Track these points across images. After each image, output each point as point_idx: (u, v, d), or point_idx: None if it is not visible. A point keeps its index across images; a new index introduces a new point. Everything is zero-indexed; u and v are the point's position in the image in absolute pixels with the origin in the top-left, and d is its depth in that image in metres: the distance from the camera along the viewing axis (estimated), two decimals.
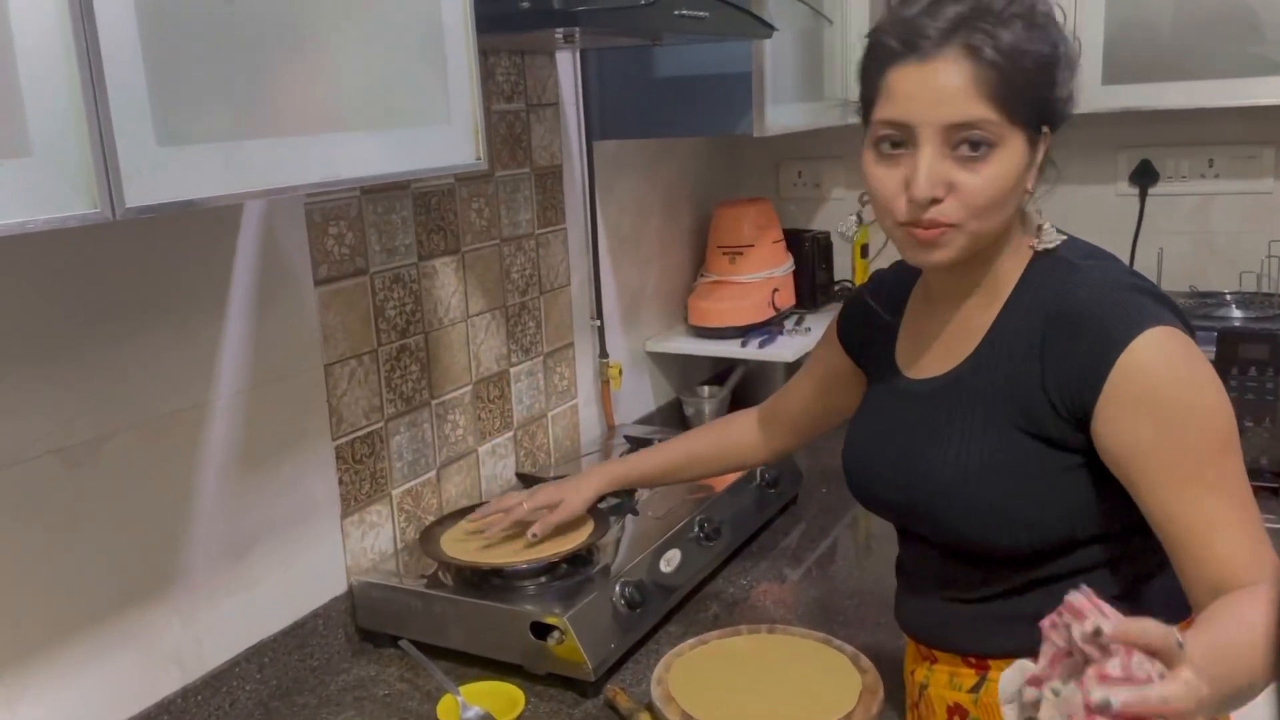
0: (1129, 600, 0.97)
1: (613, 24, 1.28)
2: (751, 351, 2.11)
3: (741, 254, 2.20)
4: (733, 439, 1.39)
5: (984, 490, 0.95)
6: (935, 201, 0.91)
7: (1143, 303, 0.90)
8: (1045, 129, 0.94)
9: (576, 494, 1.38)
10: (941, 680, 1.07)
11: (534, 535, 1.35)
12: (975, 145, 0.90)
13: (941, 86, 0.89)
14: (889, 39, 0.91)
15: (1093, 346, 0.89)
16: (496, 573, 1.37)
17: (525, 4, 1.22)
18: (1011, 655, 0.92)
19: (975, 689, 1.04)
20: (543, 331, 1.82)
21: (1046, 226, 0.99)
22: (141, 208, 0.75)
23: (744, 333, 2.15)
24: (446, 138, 1.06)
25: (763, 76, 1.76)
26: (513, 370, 1.75)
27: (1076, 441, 0.92)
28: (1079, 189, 2.18)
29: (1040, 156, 0.95)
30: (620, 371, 2.00)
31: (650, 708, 1.19)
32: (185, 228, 1.20)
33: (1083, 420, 0.90)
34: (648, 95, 1.89)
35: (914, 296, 1.11)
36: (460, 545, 1.42)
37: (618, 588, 1.37)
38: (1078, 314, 0.91)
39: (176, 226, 1.19)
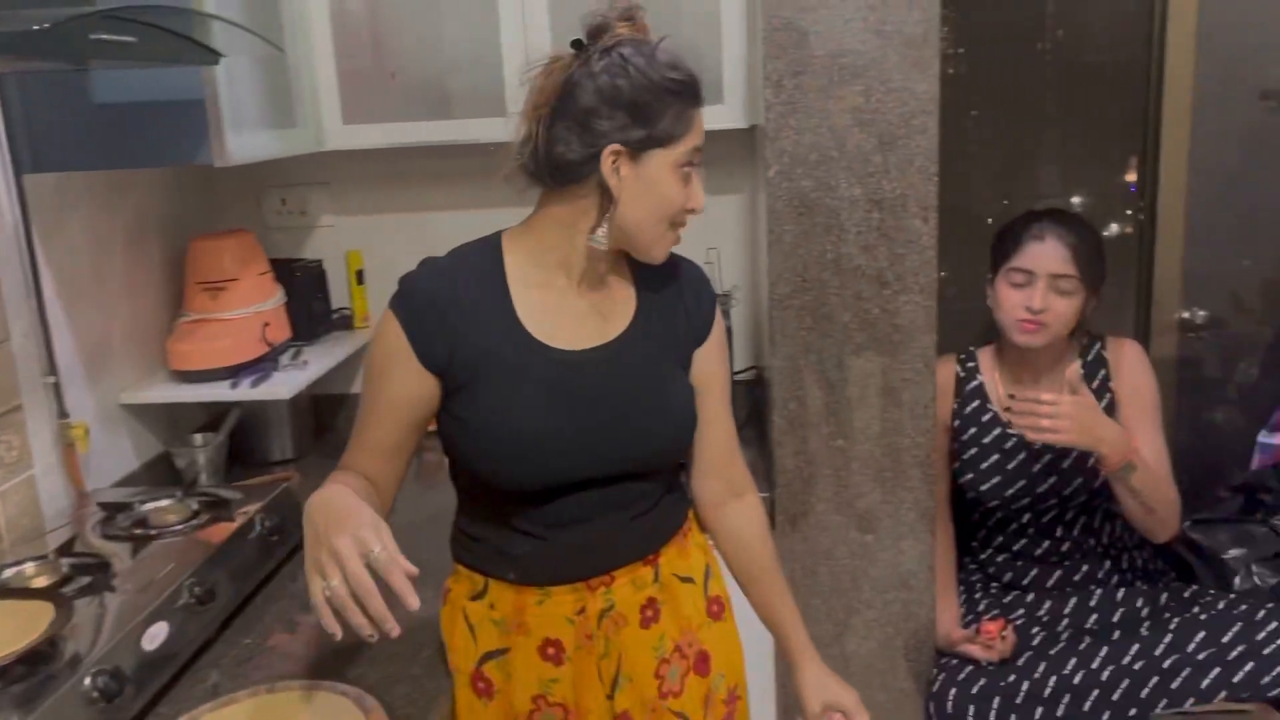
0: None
1: (10, 49, 1.12)
2: (244, 392, 1.99)
3: (224, 289, 2.06)
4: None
5: (690, 415, 1.32)
6: None
7: None
8: None
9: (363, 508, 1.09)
10: (626, 592, 1.29)
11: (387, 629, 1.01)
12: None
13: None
14: (692, 86, 1.19)
15: (709, 299, 1.35)
16: None
17: None
18: (673, 535, 1.34)
19: (657, 578, 1.31)
20: None
21: None
22: None
23: (235, 372, 2.02)
24: None
25: (218, 103, 1.67)
26: None
27: None
28: None
29: None
30: (86, 432, 1.79)
31: None
32: None
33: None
34: (90, 123, 1.70)
35: (519, 281, 1.24)
36: None
37: (89, 679, 1.21)
38: (698, 281, 1.35)
39: None
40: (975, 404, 1.95)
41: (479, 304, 1.22)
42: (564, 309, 1.25)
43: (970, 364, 1.98)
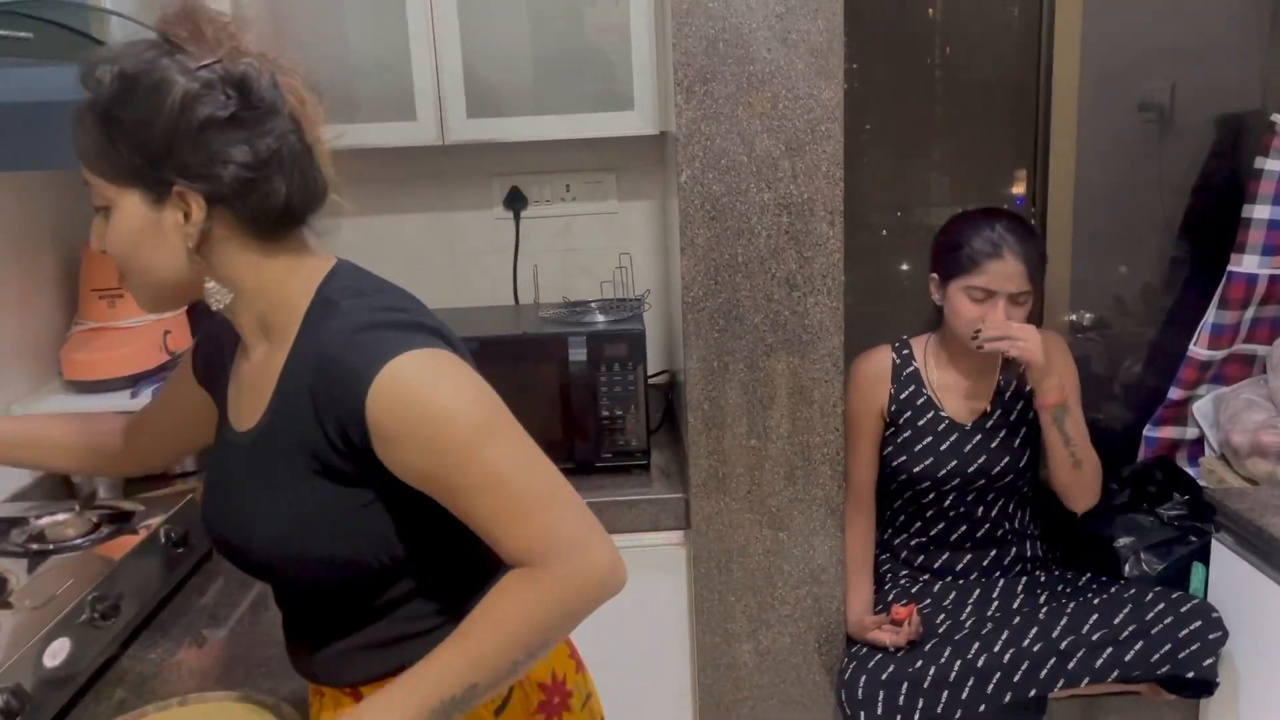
0: (459, 615, 1.00)
1: None
2: (146, 401, 1.93)
3: (122, 296, 2.00)
4: (97, 435, 1.33)
5: (298, 538, 0.98)
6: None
7: (380, 336, 0.95)
8: (179, 188, 0.93)
9: None
10: (329, 715, 1.10)
11: None
12: (100, 209, 0.99)
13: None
14: None
15: (345, 390, 0.93)
16: None
17: None
18: (378, 680, 1.04)
19: None
20: None
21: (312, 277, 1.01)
22: None
23: (134, 382, 1.96)
24: None
25: None
26: None
27: (368, 477, 0.97)
28: (463, 214, 2.33)
29: (192, 214, 0.94)
30: None
31: None
32: None
33: (367, 457, 0.95)
34: None
35: (240, 345, 1.08)
36: None
37: None
38: (330, 359, 0.94)
39: None
40: (911, 389, 2.02)
41: (231, 354, 1.11)
42: (241, 381, 1.07)
43: (905, 351, 2.06)
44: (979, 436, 1.98)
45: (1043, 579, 2.04)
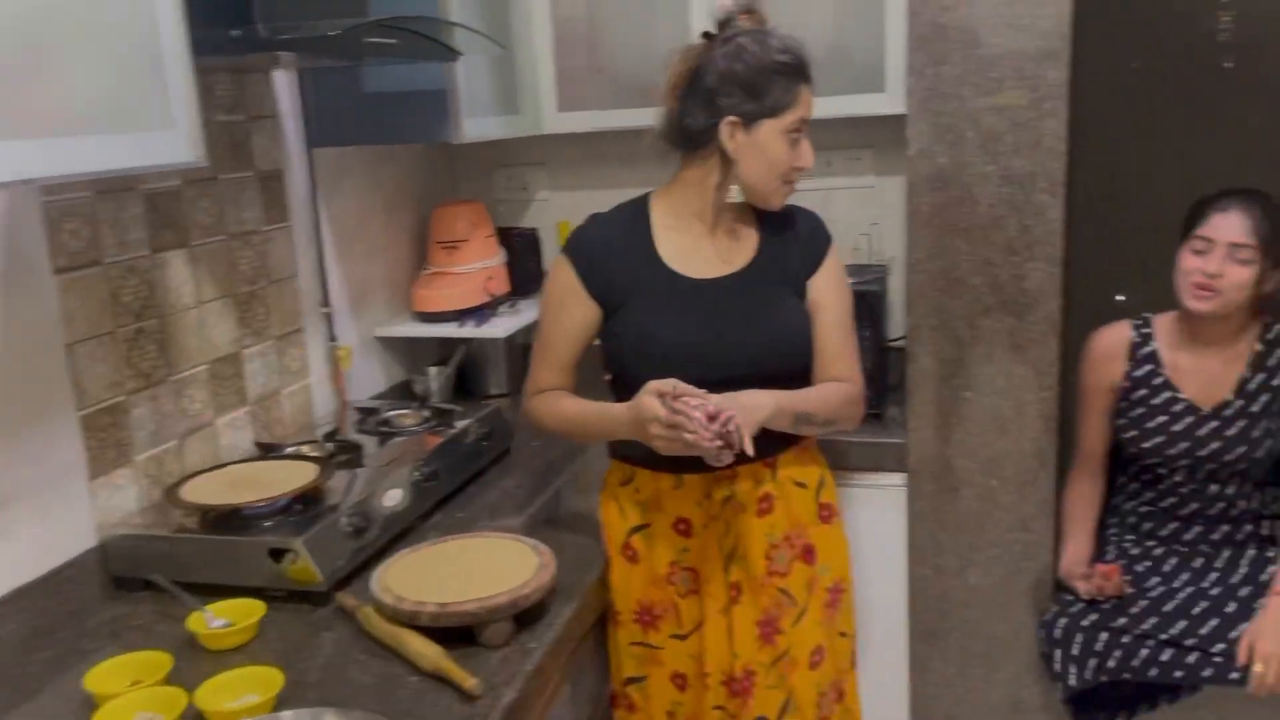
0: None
1: (309, 50, 1.55)
2: (469, 330, 2.42)
3: (458, 248, 2.51)
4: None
5: (798, 334, 1.59)
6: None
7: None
8: None
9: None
10: (746, 486, 1.58)
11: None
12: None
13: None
14: (798, 67, 1.50)
15: (821, 239, 1.63)
16: (235, 513, 1.61)
17: (235, 33, 1.47)
18: (792, 445, 1.61)
19: (774, 478, 1.60)
20: (273, 317, 2.05)
21: None
22: None
23: (461, 315, 2.46)
24: (171, 140, 1.30)
25: (457, 92, 2.08)
26: (245, 351, 1.97)
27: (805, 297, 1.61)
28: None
29: None
30: (350, 353, 2.26)
31: (373, 600, 1.47)
32: None
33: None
34: (360, 108, 2.17)
35: (662, 228, 1.59)
36: (201, 493, 1.64)
37: (344, 518, 1.64)
38: (814, 223, 1.64)
39: None
40: (1148, 368, 2.03)
41: (629, 246, 1.57)
42: (698, 248, 1.60)
43: (1145, 330, 2.06)
44: (1215, 423, 1.96)
45: (1271, 557, 2.01)
